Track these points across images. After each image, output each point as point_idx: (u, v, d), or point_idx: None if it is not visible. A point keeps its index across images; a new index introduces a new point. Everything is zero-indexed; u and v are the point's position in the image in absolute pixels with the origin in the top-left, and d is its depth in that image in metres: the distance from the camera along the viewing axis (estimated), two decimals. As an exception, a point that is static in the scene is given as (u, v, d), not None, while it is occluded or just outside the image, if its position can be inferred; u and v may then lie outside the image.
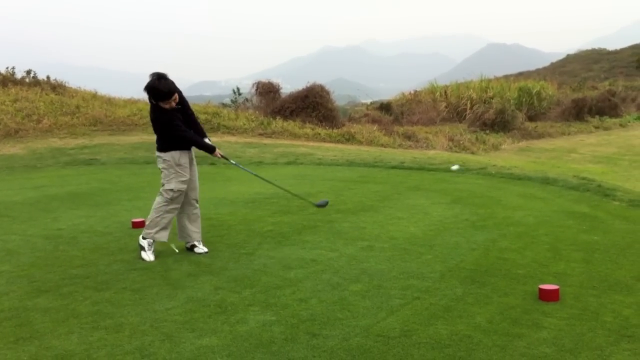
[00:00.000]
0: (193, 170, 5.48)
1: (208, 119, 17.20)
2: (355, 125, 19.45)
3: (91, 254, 5.43)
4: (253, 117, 18.19)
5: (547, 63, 67.14)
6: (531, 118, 26.35)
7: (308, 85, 19.67)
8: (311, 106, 18.84)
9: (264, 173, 10.89)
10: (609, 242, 5.74)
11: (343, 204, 7.75)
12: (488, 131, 22.35)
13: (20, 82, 18.94)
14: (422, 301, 4.13)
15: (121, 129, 16.56)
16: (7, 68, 19.66)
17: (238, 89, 22.94)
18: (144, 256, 5.21)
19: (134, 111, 17.73)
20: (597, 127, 25.76)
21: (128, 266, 5.03)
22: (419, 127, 21.76)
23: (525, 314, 3.87)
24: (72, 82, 20.72)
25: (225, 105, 21.83)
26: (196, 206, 5.53)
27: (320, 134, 17.33)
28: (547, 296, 4.12)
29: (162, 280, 4.64)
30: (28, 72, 19.73)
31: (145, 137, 15.02)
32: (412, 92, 30.12)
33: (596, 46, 70.67)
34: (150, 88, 5.13)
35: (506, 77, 34.78)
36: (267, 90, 20.19)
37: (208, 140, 5.50)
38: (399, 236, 6.01)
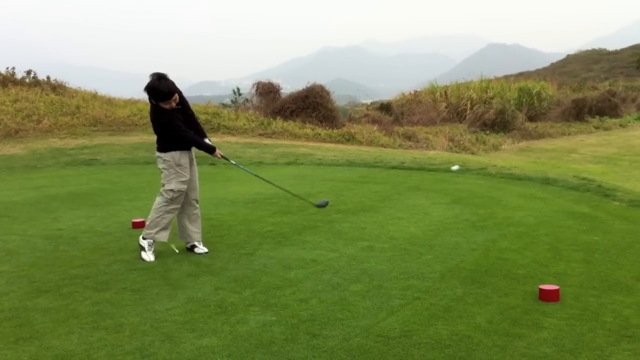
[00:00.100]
0: (193, 170, 5.48)
1: (208, 119, 17.20)
2: (355, 125, 19.45)
3: (91, 254, 5.43)
4: (253, 118, 18.20)
5: (547, 63, 67.17)
6: (531, 118, 26.35)
7: (308, 85, 19.67)
8: (311, 106, 18.84)
9: (264, 173, 10.89)
10: (609, 243, 5.75)
11: (343, 204, 7.75)
12: (488, 131, 22.36)
13: (20, 83, 18.94)
14: (422, 301, 4.13)
15: (121, 129, 16.56)
16: (7, 68, 19.68)
17: (238, 89, 22.94)
18: (144, 256, 5.21)
19: (134, 111, 17.73)
20: (597, 128, 25.76)
21: (128, 266, 5.03)
22: (419, 128, 21.76)
23: (525, 314, 3.87)
24: (72, 83, 20.76)
25: (225, 105, 21.83)
26: (196, 206, 5.53)
27: (320, 134, 17.33)
28: (547, 296, 4.12)
29: (163, 280, 4.64)
30: (28, 73, 19.73)
31: (145, 138, 15.03)
32: (412, 93, 30.11)
33: (596, 46, 70.72)
34: (150, 88, 5.14)
35: (506, 78, 34.79)
36: (267, 90, 20.19)
37: (208, 140, 5.51)
38: (399, 236, 6.01)
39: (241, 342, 3.47)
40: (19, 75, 19.55)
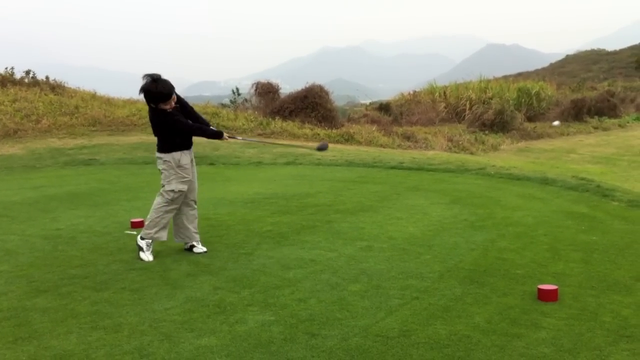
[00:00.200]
0: (193, 171, 5.48)
1: (207, 119, 17.18)
2: (354, 125, 19.44)
3: (90, 254, 5.43)
4: (252, 118, 18.19)
5: (546, 64, 67.20)
6: (530, 118, 26.34)
7: (307, 85, 19.66)
8: (310, 106, 18.83)
9: (263, 173, 10.90)
10: (608, 243, 5.75)
11: (342, 204, 7.75)
12: (487, 132, 22.35)
13: (19, 82, 18.92)
14: (421, 301, 4.13)
15: (120, 129, 16.55)
16: (6, 68, 19.64)
17: (237, 90, 22.93)
18: (143, 256, 5.21)
19: (133, 111, 17.72)
20: (596, 128, 25.76)
21: (127, 266, 5.03)
22: (418, 128, 21.76)
23: (524, 314, 3.87)
24: (71, 83, 20.71)
25: (224, 105, 21.82)
26: (194, 207, 5.54)
27: (319, 135, 17.33)
28: (546, 296, 4.12)
29: (161, 280, 4.64)
30: (27, 73, 19.71)
31: (144, 138, 15.03)
32: (411, 93, 30.10)
33: (595, 47, 70.73)
34: (149, 92, 5.06)
35: (505, 78, 34.80)
36: (267, 90, 20.18)
37: (213, 128, 5.58)
38: (398, 236, 6.01)
39: (240, 342, 3.47)
40: (18, 75, 19.53)
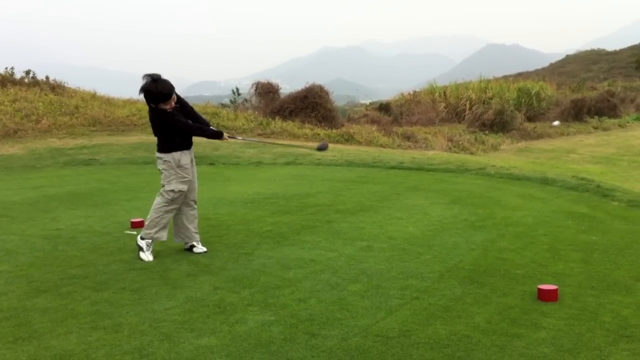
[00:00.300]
0: (193, 171, 5.48)
1: (207, 119, 17.18)
2: (354, 125, 19.44)
3: (90, 254, 5.43)
4: (252, 118, 18.19)
5: (546, 64, 67.19)
6: (530, 118, 26.34)
7: (307, 85, 19.66)
8: (310, 106, 18.83)
9: (263, 173, 10.90)
10: (608, 243, 5.75)
11: (342, 204, 7.75)
12: (487, 132, 22.35)
13: (19, 82, 18.92)
14: (421, 301, 4.13)
15: (120, 129, 16.55)
16: (6, 68, 19.64)
17: (237, 90, 22.92)
18: (143, 256, 5.21)
19: (133, 111, 17.72)
20: (596, 128, 25.76)
21: (127, 266, 5.03)
22: (418, 128, 21.75)
23: (524, 314, 3.87)
24: (71, 83, 20.70)
25: (224, 105, 21.82)
26: (194, 207, 5.54)
27: (319, 135, 17.32)
28: (546, 296, 4.12)
29: (161, 280, 4.64)
30: (27, 73, 19.70)
31: (144, 138, 15.02)
32: (411, 93, 30.10)
33: (595, 47, 70.73)
34: (150, 93, 5.06)
35: (505, 78, 34.79)
36: (267, 90, 20.18)
37: (213, 128, 5.58)
38: (398, 236, 6.01)
39: (240, 342, 3.47)
40: (18, 75, 19.53)
